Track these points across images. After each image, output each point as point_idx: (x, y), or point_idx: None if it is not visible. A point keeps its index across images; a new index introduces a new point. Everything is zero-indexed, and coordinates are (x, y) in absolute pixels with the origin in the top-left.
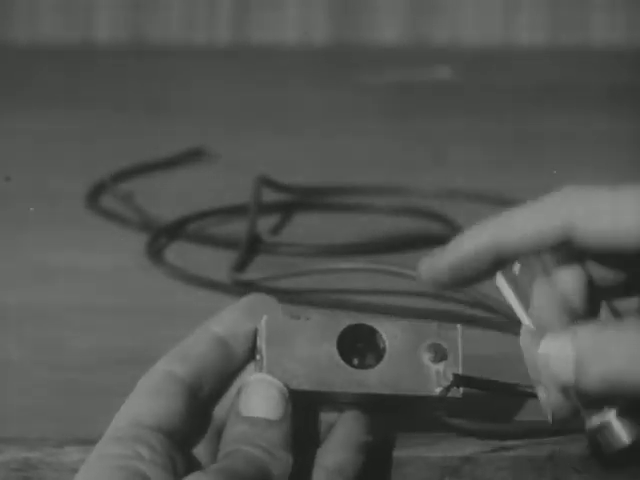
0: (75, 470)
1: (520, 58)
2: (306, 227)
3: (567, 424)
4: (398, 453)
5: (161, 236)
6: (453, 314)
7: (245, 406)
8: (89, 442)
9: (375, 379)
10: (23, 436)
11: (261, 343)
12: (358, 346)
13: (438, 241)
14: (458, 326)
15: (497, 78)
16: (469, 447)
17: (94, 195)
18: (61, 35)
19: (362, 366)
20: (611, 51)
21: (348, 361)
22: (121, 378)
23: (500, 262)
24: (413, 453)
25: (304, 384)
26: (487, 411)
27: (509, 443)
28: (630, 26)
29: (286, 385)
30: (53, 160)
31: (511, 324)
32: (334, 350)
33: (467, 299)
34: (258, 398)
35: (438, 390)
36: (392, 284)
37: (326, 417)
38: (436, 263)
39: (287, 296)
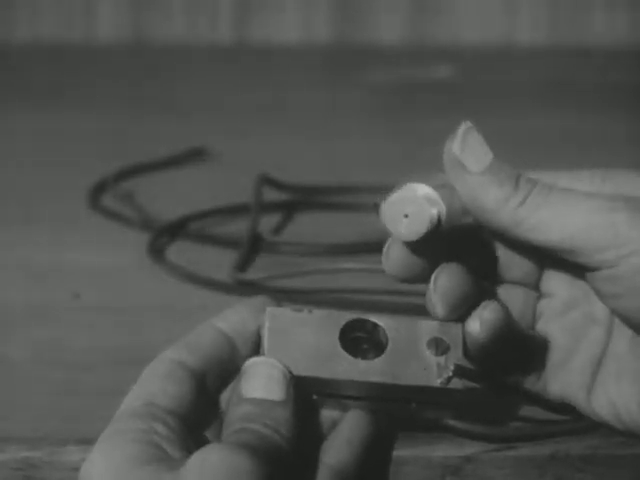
0: (76, 469)
1: (520, 58)
2: (308, 226)
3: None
4: (399, 452)
5: (162, 235)
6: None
7: (247, 388)
8: (89, 441)
9: (376, 369)
10: (23, 435)
11: (263, 331)
12: (360, 340)
13: None
14: (460, 324)
15: (497, 78)
16: (471, 446)
17: (95, 194)
18: (62, 34)
19: (364, 359)
20: (611, 51)
21: (350, 354)
22: (121, 378)
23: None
24: (414, 452)
25: (305, 370)
26: (488, 412)
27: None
28: (630, 26)
29: (288, 369)
30: (53, 160)
31: None
32: (336, 341)
33: None
34: (260, 379)
35: (439, 381)
36: (394, 284)
37: (329, 414)
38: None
39: (289, 295)
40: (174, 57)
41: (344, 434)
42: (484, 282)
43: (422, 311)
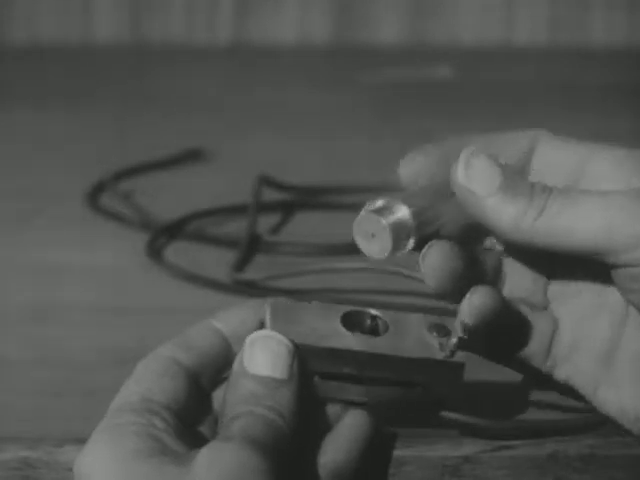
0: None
1: (519, 58)
2: (306, 226)
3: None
4: (398, 452)
5: (161, 235)
6: (453, 313)
7: (250, 362)
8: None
9: (379, 344)
10: (23, 435)
11: (265, 319)
12: (360, 328)
13: None
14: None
15: (496, 78)
16: (469, 446)
17: (94, 194)
18: (61, 35)
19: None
20: (611, 51)
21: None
22: (121, 378)
23: None
24: (414, 452)
25: (308, 340)
26: (488, 410)
27: (510, 442)
28: (630, 26)
29: (291, 341)
30: (53, 160)
31: None
32: (338, 323)
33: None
34: (265, 354)
35: (443, 354)
36: (392, 284)
37: (329, 413)
38: (419, 161)
39: (287, 295)
40: (173, 57)
41: (343, 434)
42: (488, 255)
43: (421, 311)
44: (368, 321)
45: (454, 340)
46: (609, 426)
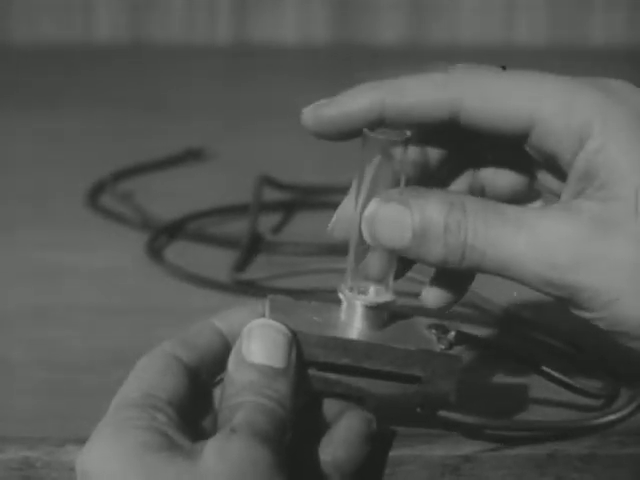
0: (74, 469)
1: (519, 58)
2: (307, 226)
3: None
4: (399, 452)
5: (161, 235)
6: (452, 314)
7: (249, 351)
8: None
9: (378, 336)
10: (23, 435)
11: (265, 312)
12: None
13: None
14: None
15: None
16: (470, 446)
17: (94, 195)
18: (61, 35)
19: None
20: (611, 51)
21: None
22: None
23: (382, 123)
24: (414, 452)
25: (307, 329)
26: (488, 412)
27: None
28: (630, 26)
29: (289, 329)
30: (52, 160)
31: (507, 323)
32: (337, 318)
33: (466, 301)
34: (262, 343)
35: (441, 347)
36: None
37: (328, 411)
38: (322, 112)
39: (288, 296)
40: (172, 57)
41: (342, 432)
42: None
43: (420, 312)
44: None
45: (452, 333)
46: (609, 427)
